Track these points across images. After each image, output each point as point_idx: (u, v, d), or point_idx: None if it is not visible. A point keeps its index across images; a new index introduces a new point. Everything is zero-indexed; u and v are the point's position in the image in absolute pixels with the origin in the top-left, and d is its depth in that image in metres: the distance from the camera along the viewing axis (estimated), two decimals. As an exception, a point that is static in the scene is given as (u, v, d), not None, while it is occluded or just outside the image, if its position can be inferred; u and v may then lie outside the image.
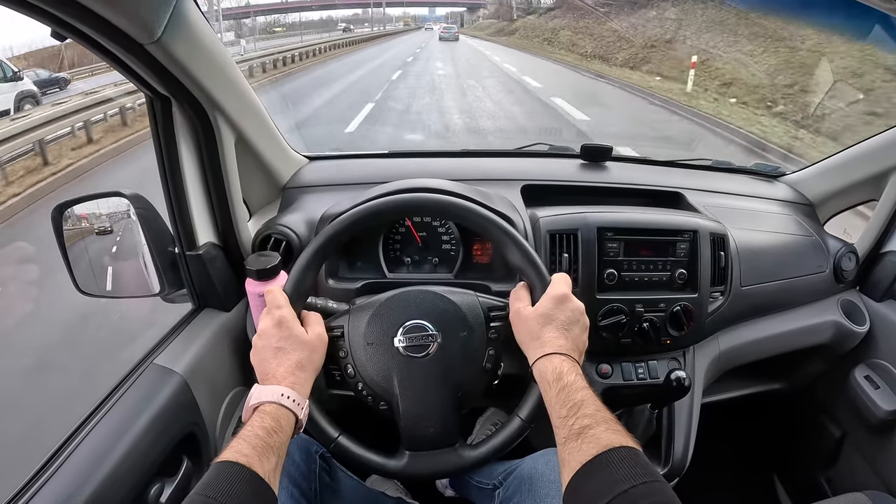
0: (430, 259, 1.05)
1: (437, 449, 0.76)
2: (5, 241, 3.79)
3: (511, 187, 1.10)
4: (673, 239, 1.00)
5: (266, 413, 0.64)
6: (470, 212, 0.81)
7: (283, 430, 0.64)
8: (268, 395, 0.66)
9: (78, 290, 0.96)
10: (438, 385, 0.76)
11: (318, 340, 0.74)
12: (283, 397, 0.66)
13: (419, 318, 0.77)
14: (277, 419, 0.64)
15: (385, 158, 1.30)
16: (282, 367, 0.69)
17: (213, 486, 0.56)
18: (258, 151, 1.01)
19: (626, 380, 1.02)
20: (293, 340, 0.71)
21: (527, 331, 0.73)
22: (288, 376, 0.69)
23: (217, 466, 0.58)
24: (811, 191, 1.28)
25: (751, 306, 1.11)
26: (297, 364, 0.70)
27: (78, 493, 0.68)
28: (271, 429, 0.62)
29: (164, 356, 0.89)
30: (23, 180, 4.93)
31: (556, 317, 0.72)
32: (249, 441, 0.60)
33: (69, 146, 5.80)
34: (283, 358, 0.70)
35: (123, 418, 0.79)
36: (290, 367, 0.70)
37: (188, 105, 0.86)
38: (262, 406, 0.65)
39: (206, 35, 0.83)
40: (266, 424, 0.62)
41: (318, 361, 0.74)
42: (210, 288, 0.96)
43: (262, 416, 0.63)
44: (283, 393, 0.66)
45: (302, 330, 0.73)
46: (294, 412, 0.66)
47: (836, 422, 1.30)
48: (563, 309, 0.73)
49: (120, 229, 1.00)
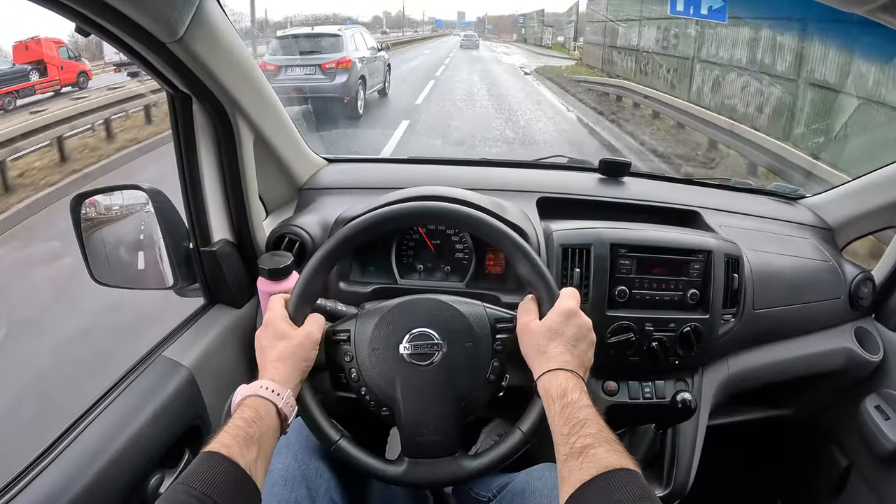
0: (443, 267, 1.05)
1: (437, 457, 0.77)
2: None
3: (527, 199, 1.10)
4: (686, 259, 0.99)
5: (246, 405, 0.66)
6: (482, 222, 0.81)
7: (262, 419, 0.65)
8: (249, 390, 0.68)
9: (93, 280, 0.98)
10: (441, 394, 0.76)
11: (304, 335, 0.75)
12: (262, 388, 0.68)
13: (425, 327, 0.77)
14: (256, 409, 0.66)
15: (404, 164, 1.31)
16: (266, 363, 0.72)
17: (193, 476, 0.57)
18: (277, 151, 1.02)
19: (632, 398, 1.01)
20: (276, 337, 0.74)
21: (533, 344, 0.73)
22: (269, 370, 0.71)
23: (200, 457, 0.60)
24: (830, 215, 1.26)
25: (763, 330, 1.09)
26: (277, 357, 0.72)
27: (78, 478, 0.70)
28: (250, 419, 0.64)
29: (173, 349, 0.90)
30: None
31: (564, 332, 0.72)
32: (230, 432, 0.62)
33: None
34: (267, 354, 0.73)
35: (129, 408, 0.81)
36: (271, 361, 0.72)
37: (208, 103, 0.87)
38: (244, 400, 0.67)
39: (228, 35, 0.84)
40: (246, 415, 0.64)
41: (302, 355, 0.74)
42: (222, 284, 0.98)
43: (243, 409, 0.66)
44: (262, 385, 0.68)
45: (287, 327, 0.74)
46: (272, 402, 0.67)
47: (843, 451, 1.28)
48: (571, 324, 0.72)
49: (137, 222, 1.02)
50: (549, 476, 0.89)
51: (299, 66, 6.56)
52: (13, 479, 0.69)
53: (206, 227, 0.94)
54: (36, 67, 8.00)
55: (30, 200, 4.47)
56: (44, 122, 5.32)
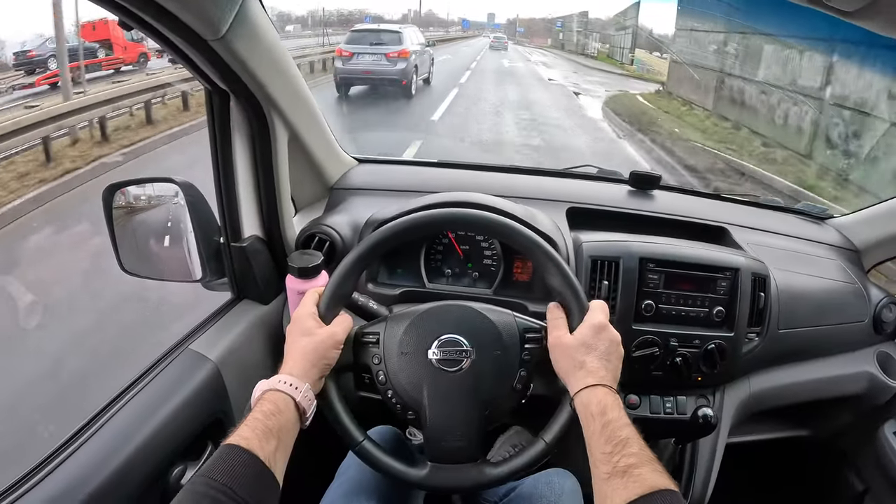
0: (470, 272, 1.05)
1: (460, 463, 0.77)
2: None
3: (557, 208, 1.10)
4: (714, 275, 0.98)
5: (265, 399, 0.67)
6: (516, 232, 0.81)
7: (281, 412, 0.66)
8: (267, 384, 0.69)
9: (121, 269, 0.99)
10: (467, 400, 0.76)
11: (327, 334, 0.75)
12: (280, 382, 0.68)
13: (455, 333, 0.77)
14: (275, 403, 0.66)
15: (433, 168, 1.31)
16: (288, 359, 0.73)
17: (214, 469, 0.58)
18: (309, 150, 1.03)
19: (653, 412, 1.01)
20: (301, 332, 0.74)
21: (568, 359, 0.73)
22: (290, 365, 0.72)
23: (220, 449, 0.61)
24: (858, 237, 1.25)
25: (786, 350, 1.08)
26: (299, 353, 0.73)
27: (102, 467, 0.71)
28: (269, 412, 0.65)
29: (199, 342, 0.91)
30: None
31: (597, 346, 0.72)
32: (250, 426, 0.63)
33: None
34: (289, 350, 0.74)
35: (155, 399, 0.81)
36: (293, 357, 0.73)
37: (245, 101, 0.87)
38: (264, 394, 0.68)
39: (269, 34, 0.84)
40: (265, 408, 0.65)
41: (323, 352, 0.74)
42: (251, 280, 0.98)
43: (263, 403, 0.66)
44: (280, 379, 0.69)
45: (313, 323, 0.75)
46: (290, 395, 0.68)
47: (859, 476, 1.27)
48: (603, 338, 0.72)
49: (167, 214, 1.02)
50: (557, 482, 0.90)
51: (369, 53, 8.36)
52: (39, 463, 0.70)
53: (238, 223, 0.94)
54: (102, 46, 8.97)
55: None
56: (89, 102, 5.62)
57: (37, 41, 8.25)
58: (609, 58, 17.20)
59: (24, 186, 4.45)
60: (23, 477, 0.68)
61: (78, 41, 8.23)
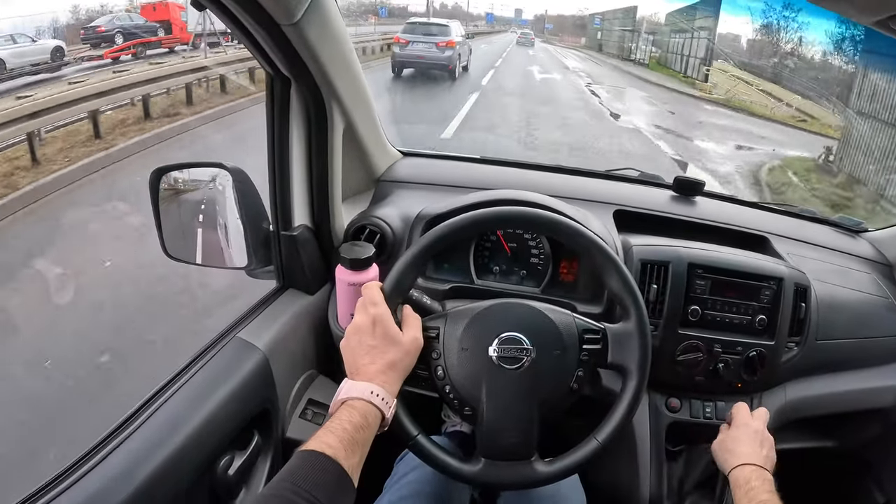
0: (517, 270, 1.05)
1: (514, 460, 0.77)
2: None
3: (604, 210, 1.10)
4: (759, 284, 0.99)
5: (355, 409, 0.65)
6: (576, 232, 0.81)
7: (369, 426, 0.65)
8: (358, 392, 0.67)
9: (166, 254, 0.98)
10: (525, 398, 0.77)
11: (413, 344, 0.74)
12: (373, 395, 0.67)
13: (516, 331, 0.77)
14: (365, 416, 0.65)
15: (478, 164, 1.31)
16: (374, 365, 0.70)
17: (300, 475, 0.57)
18: (362, 141, 1.02)
19: (693, 416, 1.01)
20: (388, 340, 0.72)
21: (726, 451, 0.86)
22: (379, 375, 0.69)
23: (303, 455, 0.59)
24: (891, 251, 1.26)
25: (822, 361, 1.09)
26: (389, 364, 0.71)
27: (152, 457, 0.70)
28: (359, 425, 0.63)
29: (247, 331, 0.90)
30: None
31: (743, 438, 0.86)
32: (337, 434, 0.61)
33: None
34: (376, 356, 0.71)
35: (204, 387, 0.81)
36: (381, 366, 0.70)
37: (307, 88, 0.87)
38: (351, 401, 0.66)
39: (338, 24, 0.84)
40: (354, 420, 0.63)
41: (410, 364, 0.74)
42: (298, 269, 0.98)
43: (351, 412, 0.64)
44: (373, 391, 0.67)
45: (397, 330, 0.73)
46: (382, 410, 0.67)
47: (881, 488, 1.28)
48: (748, 431, 0.87)
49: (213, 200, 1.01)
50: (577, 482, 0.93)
51: (422, 42, 10.12)
52: (90, 450, 0.69)
53: (289, 211, 0.94)
54: (162, 25, 9.81)
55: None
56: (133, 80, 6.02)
57: (106, 17, 9.27)
58: (662, 66, 13.17)
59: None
60: (75, 462, 0.68)
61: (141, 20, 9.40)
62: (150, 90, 6.03)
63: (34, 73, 7.07)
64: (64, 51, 8.01)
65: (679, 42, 12.49)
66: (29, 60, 7.21)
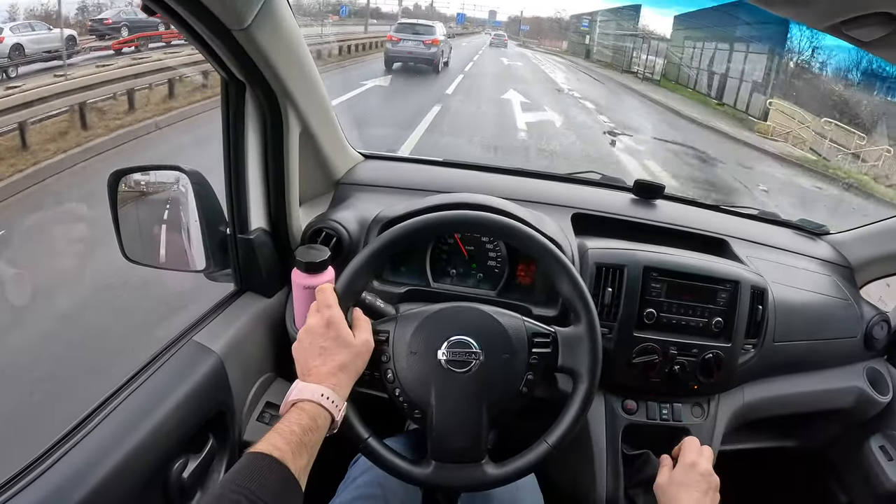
0: (475, 274, 1.06)
1: (464, 463, 0.77)
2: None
3: (562, 213, 1.11)
4: (715, 287, 1.00)
5: (304, 411, 0.65)
6: (527, 236, 0.82)
7: (318, 429, 0.65)
8: (308, 394, 0.67)
9: (124, 257, 0.98)
10: (474, 401, 0.77)
11: (364, 346, 0.75)
12: (323, 397, 0.67)
13: (465, 335, 0.78)
14: (315, 418, 0.65)
15: (439, 167, 1.31)
16: (325, 366, 0.70)
17: (246, 476, 0.57)
18: (319, 144, 1.02)
19: (649, 418, 1.02)
20: (340, 342, 0.72)
21: (667, 496, 0.82)
22: (330, 377, 0.69)
23: (250, 457, 0.59)
24: (852, 254, 1.28)
25: (780, 363, 1.10)
26: (340, 366, 0.71)
27: (103, 461, 0.69)
28: (308, 427, 0.63)
29: (203, 334, 0.90)
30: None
31: (689, 483, 0.81)
32: (285, 436, 0.61)
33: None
34: (327, 358, 0.71)
35: (158, 390, 0.80)
36: (332, 368, 0.70)
37: (261, 92, 0.87)
38: (301, 403, 0.66)
39: (291, 27, 0.84)
40: (303, 422, 0.63)
41: (361, 366, 0.75)
42: (255, 272, 0.98)
43: (300, 414, 0.64)
44: (324, 393, 0.67)
45: (349, 332, 0.74)
46: (331, 412, 0.67)
47: (843, 488, 1.29)
48: (694, 474, 0.82)
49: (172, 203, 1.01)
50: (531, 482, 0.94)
51: (411, 40, 11.85)
52: (38, 457, 0.69)
53: (245, 215, 0.94)
54: (162, 21, 9.99)
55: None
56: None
57: (113, 10, 9.53)
58: (681, 86, 9.24)
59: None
60: (22, 470, 0.67)
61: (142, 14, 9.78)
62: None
63: (47, 60, 7.43)
64: (76, 40, 8.48)
65: (710, 55, 8.96)
66: (44, 47, 7.57)
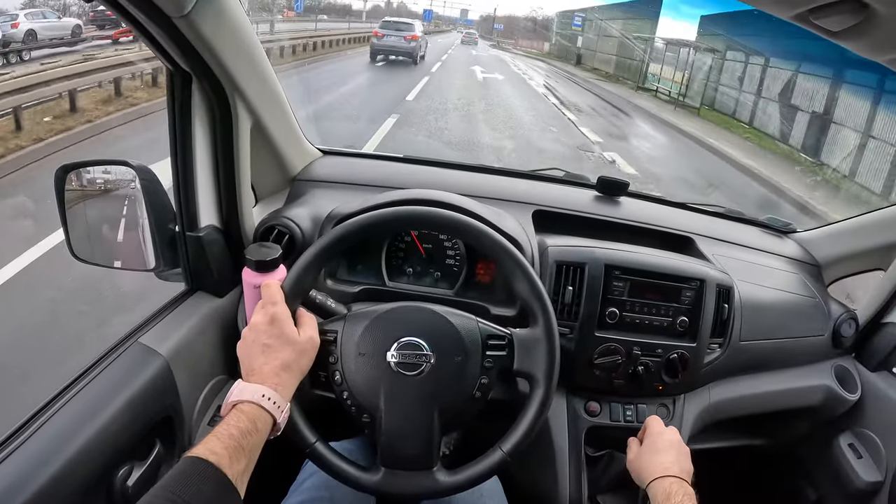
0: (432, 272, 1.04)
1: (415, 470, 0.75)
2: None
3: (523, 210, 1.09)
4: (679, 285, 0.99)
5: (243, 412, 0.63)
6: (482, 234, 0.79)
7: (258, 432, 0.63)
8: (248, 394, 0.65)
9: (72, 255, 0.94)
10: (425, 406, 0.75)
11: (309, 343, 0.73)
12: (264, 398, 0.65)
13: (416, 336, 0.75)
14: (254, 420, 0.63)
15: (399, 163, 1.28)
16: (268, 365, 0.68)
17: (179, 483, 0.54)
18: (273, 139, 0.99)
19: (612, 420, 1.00)
20: (283, 339, 0.70)
21: (639, 468, 0.82)
22: (272, 376, 0.67)
23: (185, 461, 0.57)
24: (820, 252, 1.28)
25: (746, 362, 1.09)
26: (283, 364, 0.69)
27: (39, 472, 0.66)
28: (246, 430, 0.61)
29: (149, 336, 0.87)
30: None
31: (659, 449, 0.82)
32: (222, 440, 0.59)
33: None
34: (270, 356, 0.69)
35: (100, 395, 0.77)
36: (275, 367, 0.68)
37: (208, 84, 0.84)
38: (241, 405, 0.64)
39: (237, 15, 0.81)
40: (241, 425, 0.61)
41: (306, 365, 0.73)
42: (206, 271, 0.94)
43: (240, 416, 0.62)
44: (265, 394, 0.65)
45: (294, 330, 0.72)
46: (273, 415, 0.65)
47: (813, 485, 1.29)
48: (662, 441, 0.83)
49: (121, 200, 0.98)
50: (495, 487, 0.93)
51: (394, 35, 14.00)
52: None
53: (194, 212, 0.90)
54: None
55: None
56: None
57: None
58: (730, 119, 7.15)
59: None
60: None
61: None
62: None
63: (54, 46, 7.98)
64: (82, 28, 9.19)
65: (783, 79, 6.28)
66: (52, 34, 8.13)
